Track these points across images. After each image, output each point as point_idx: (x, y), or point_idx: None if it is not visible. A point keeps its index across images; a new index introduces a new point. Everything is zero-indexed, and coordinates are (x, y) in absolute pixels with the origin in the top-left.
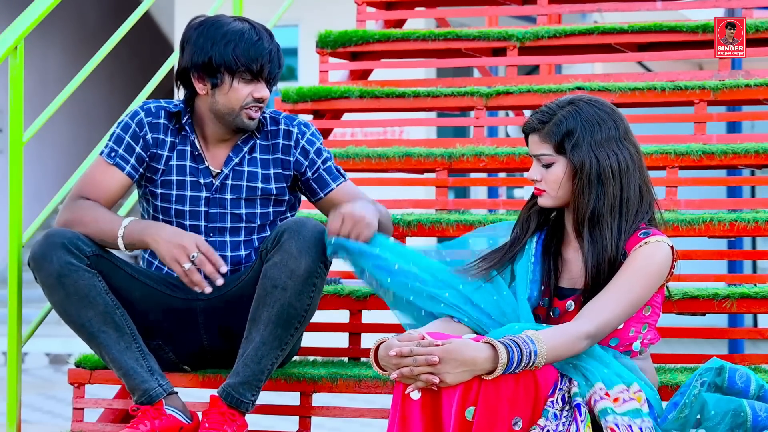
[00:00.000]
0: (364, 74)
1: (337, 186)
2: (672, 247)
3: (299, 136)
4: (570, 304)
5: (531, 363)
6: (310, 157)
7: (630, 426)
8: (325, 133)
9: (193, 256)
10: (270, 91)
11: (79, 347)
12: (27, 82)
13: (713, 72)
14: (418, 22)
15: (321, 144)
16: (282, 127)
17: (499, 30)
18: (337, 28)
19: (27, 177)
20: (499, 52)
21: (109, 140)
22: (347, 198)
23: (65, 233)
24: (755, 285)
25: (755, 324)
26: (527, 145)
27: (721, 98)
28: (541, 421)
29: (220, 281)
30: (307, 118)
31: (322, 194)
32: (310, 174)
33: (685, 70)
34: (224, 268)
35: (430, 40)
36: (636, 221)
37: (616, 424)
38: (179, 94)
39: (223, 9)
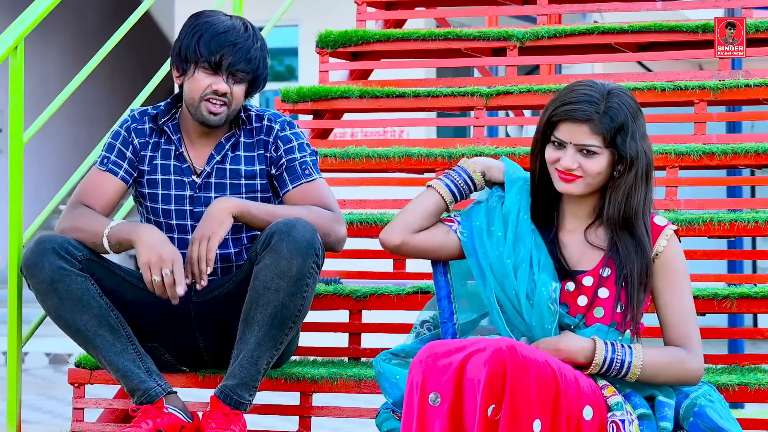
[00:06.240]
0: (364, 74)
1: (293, 188)
2: (676, 232)
3: (278, 131)
4: (570, 284)
5: (623, 369)
6: (279, 153)
7: None
8: (325, 133)
9: (165, 272)
10: (254, 91)
11: (79, 347)
12: (27, 82)
13: (713, 72)
14: (418, 22)
15: (299, 142)
16: (265, 123)
17: (499, 30)
18: (337, 28)
19: (27, 177)
20: (499, 52)
21: (102, 150)
22: (301, 202)
23: (55, 238)
24: (755, 285)
25: (755, 324)
26: (555, 132)
27: (721, 98)
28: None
29: (175, 302)
30: (307, 118)
31: (281, 195)
32: (275, 171)
33: (685, 70)
34: (176, 300)
35: (430, 40)
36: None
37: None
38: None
39: (223, 9)
